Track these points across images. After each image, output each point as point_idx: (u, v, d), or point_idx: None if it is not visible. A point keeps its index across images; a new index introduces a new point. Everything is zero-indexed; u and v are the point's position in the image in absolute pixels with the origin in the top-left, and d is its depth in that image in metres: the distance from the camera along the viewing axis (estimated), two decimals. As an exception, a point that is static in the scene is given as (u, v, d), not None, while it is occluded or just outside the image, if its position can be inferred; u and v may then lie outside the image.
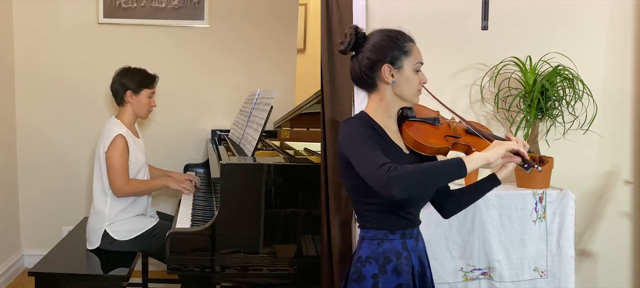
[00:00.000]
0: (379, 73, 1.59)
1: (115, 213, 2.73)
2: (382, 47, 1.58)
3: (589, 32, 2.58)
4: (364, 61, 1.60)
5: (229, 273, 2.33)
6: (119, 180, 2.68)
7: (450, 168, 1.43)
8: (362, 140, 1.49)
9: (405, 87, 1.60)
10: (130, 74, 2.82)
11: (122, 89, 2.79)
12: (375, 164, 1.41)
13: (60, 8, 3.66)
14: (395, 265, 1.59)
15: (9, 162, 3.62)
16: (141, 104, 2.82)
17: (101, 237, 2.71)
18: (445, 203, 1.76)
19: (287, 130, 3.56)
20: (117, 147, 2.68)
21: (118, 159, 2.67)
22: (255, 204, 2.32)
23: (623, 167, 2.62)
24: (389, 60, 1.58)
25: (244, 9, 3.77)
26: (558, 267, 2.35)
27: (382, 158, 1.42)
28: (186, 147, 3.80)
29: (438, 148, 1.64)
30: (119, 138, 2.69)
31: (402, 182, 1.37)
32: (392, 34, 1.60)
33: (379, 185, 1.40)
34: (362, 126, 1.55)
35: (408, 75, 1.59)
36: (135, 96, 2.80)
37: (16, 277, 3.66)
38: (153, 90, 2.86)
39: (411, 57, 1.59)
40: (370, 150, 1.46)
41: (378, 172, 1.39)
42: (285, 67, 3.87)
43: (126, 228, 2.74)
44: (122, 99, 2.81)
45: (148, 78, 2.85)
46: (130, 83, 2.79)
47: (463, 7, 2.49)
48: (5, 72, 3.56)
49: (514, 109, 2.46)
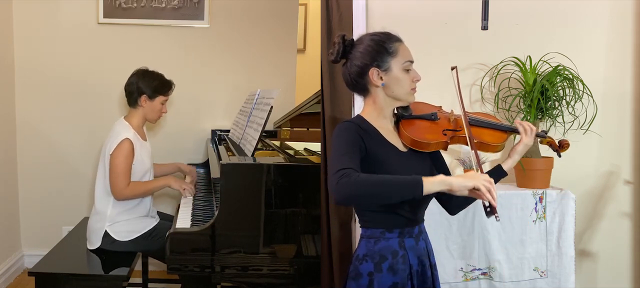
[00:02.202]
0: (368, 77, 1.61)
1: (116, 213, 2.73)
2: (368, 52, 1.60)
3: (589, 32, 2.58)
4: (353, 69, 1.62)
5: (229, 273, 2.33)
6: (119, 183, 2.67)
7: (405, 186, 1.41)
8: (340, 144, 1.51)
9: (396, 87, 1.61)
10: (148, 78, 2.80)
11: (137, 92, 2.78)
12: (335, 168, 1.43)
13: (60, 8, 3.66)
14: (390, 264, 1.59)
15: (9, 162, 3.62)
16: (154, 110, 2.82)
17: (102, 237, 2.71)
18: (451, 200, 1.75)
19: (287, 130, 3.56)
20: (122, 151, 2.67)
21: (121, 162, 2.67)
22: (256, 204, 2.32)
23: (623, 167, 2.62)
24: (375, 64, 1.59)
25: (244, 9, 3.77)
26: (558, 267, 2.35)
27: (344, 164, 1.44)
28: (186, 147, 3.80)
29: (435, 143, 1.64)
30: (126, 142, 2.68)
31: (348, 189, 1.39)
32: (376, 38, 1.61)
33: (329, 188, 1.44)
34: (348, 130, 1.56)
35: (397, 75, 1.60)
36: (149, 101, 2.79)
37: (16, 277, 3.66)
38: (167, 97, 2.86)
39: (398, 57, 1.60)
40: (341, 154, 1.48)
41: (333, 176, 1.41)
42: (285, 67, 3.87)
43: (127, 229, 2.73)
44: (136, 102, 2.79)
45: (165, 85, 2.84)
46: (147, 88, 2.77)
47: (463, 7, 2.49)
48: (5, 72, 3.56)
49: (514, 109, 2.46)
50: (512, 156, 1.70)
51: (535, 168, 2.38)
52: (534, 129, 1.69)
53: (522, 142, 1.68)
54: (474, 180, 1.41)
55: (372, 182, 1.41)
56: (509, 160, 1.70)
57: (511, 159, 1.70)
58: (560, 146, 1.81)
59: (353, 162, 1.46)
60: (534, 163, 2.38)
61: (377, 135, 1.61)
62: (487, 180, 1.41)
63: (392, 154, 1.61)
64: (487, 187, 1.40)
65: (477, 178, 1.42)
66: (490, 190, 1.40)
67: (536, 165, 2.38)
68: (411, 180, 1.41)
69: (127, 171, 2.70)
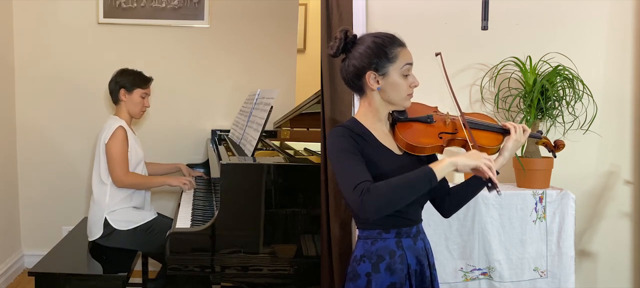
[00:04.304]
0: (364, 80, 1.59)
1: (114, 202, 2.80)
2: (367, 55, 1.57)
3: (589, 32, 2.58)
4: (350, 68, 1.60)
5: (229, 273, 2.33)
6: (119, 170, 2.76)
7: (420, 180, 1.46)
8: (341, 155, 1.51)
9: (392, 92, 1.59)
10: (126, 73, 2.93)
11: (116, 87, 2.90)
12: (350, 185, 1.44)
13: (60, 8, 3.66)
14: (388, 264, 1.58)
15: (9, 162, 3.63)
16: (134, 103, 2.92)
17: (103, 226, 2.74)
18: (444, 202, 1.74)
19: (287, 130, 3.56)
20: (118, 138, 2.77)
21: (118, 150, 2.77)
22: (255, 204, 2.32)
23: (623, 167, 2.62)
24: (373, 68, 1.57)
25: (244, 9, 3.77)
26: (558, 267, 2.35)
27: (356, 178, 1.45)
28: (186, 147, 3.81)
29: (431, 147, 1.62)
30: (120, 129, 2.79)
31: (374, 205, 1.42)
32: (378, 41, 1.58)
33: (355, 209, 1.45)
34: (343, 136, 1.55)
35: (394, 81, 1.58)
36: (128, 94, 2.90)
37: (16, 277, 3.66)
38: (146, 90, 2.96)
39: (397, 63, 1.57)
40: (349, 166, 1.48)
41: (352, 194, 1.43)
42: (285, 67, 3.87)
43: (125, 218, 2.79)
44: (117, 97, 2.91)
45: (142, 78, 2.95)
46: (125, 81, 2.90)
47: (463, 7, 2.49)
48: (5, 72, 3.56)
49: (514, 109, 2.46)
50: (502, 154, 1.67)
51: (535, 169, 2.38)
52: (528, 130, 1.67)
53: (512, 138, 1.66)
54: (476, 160, 1.50)
55: (392, 187, 1.44)
56: (500, 158, 1.67)
57: (502, 157, 1.67)
58: (555, 146, 1.83)
59: (364, 173, 1.47)
60: (533, 163, 2.38)
61: (372, 139, 1.60)
62: (487, 159, 1.50)
63: (386, 158, 1.60)
64: (487, 165, 1.49)
65: (479, 157, 1.50)
66: (491, 167, 1.49)
67: (536, 165, 2.38)
68: (423, 172, 1.46)
69: (125, 158, 2.79)
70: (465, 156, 1.51)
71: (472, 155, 1.51)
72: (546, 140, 1.82)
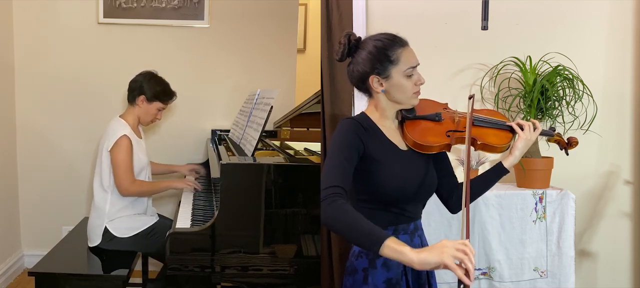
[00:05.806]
0: (369, 84, 1.60)
1: (115, 210, 2.74)
2: (369, 59, 1.58)
3: (589, 32, 2.58)
4: (355, 74, 1.62)
5: (229, 273, 2.33)
6: (125, 179, 2.69)
7: (366, 240, 1.32)
8: (334, 151, 1.51)
9: (397, 93, 1.60)
10: (153, 81, 2.83)
11: (138, 91, 2.81)
12: (325, 183, 1.44)
13: (60, 8, 3.66)
14: (384, 260, 1.59)
15: (9, 162, 3.62)
16: (148, 113, 2.84)
17: (102, 234, 2.71)
18: (451, 198, 1.75)
19: (287, 130, 3.56)
20: (122, 147, 2.69)
21: (123, 159, 2.69)
22: (256, 204, 2.32)
23: (623, 167, 2.62)
24: (376, 72, 1.58)
25: (244, 9, 3.77)
26: (558, 267, 2.35)
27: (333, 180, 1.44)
28: (186, 147, 3.80)
29: (438, 146, 1.62)
30: (124, 139, 2.70)
31: (328, 217, 1.38)
32: (379, 44, 1.58)
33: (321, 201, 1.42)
34: (347, 132, 1.55)
35: (398, 82, 1.58)
36: (146, 103, 2.82)
37: (16, 277, 3.65)
38: (165, 106, 2.89)
39: (400, 65, 1.57)
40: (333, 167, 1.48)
41: (323, 191, 1.42)
42: (285, 67, 3.87)
43: (126, 226, 2.74)
44: (134, 100, 2.82)
45: (166, 94, 2.86)
46: (148, 90, 2.80)
47: (463, 7, 2.49)
48: (5, 72, 3.56)
49: (514, 109, 2.46)
50: (513, 153, 1.66)
51: (535, 169, 2.38)
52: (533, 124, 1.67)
53: (521, 138, 1.66)
54: (440, 256, 1.20)
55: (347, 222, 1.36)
56: (510, 157, 1.67)
57: (512, 156, 1.66)
58: (568, 144, 1.77)
59: (344, 178, 1.46)
60: (533, 163, 2.38)
61: (379, 134, 1.61)
62: (458, 250, 1.20)
63: (392, 153, 1.60)
64: (458, 257, 1.19)
65: (444, 252, 1.20)
66: (463, 260, 1.19)
67: (536, 165, 2.38)
68: (374, 237, 1.30)
69: (130, 167, 2.72)
70: (428, 251, 1.24)
71: (437, 250, 1.22)
72: (559, 138, 1.77)
